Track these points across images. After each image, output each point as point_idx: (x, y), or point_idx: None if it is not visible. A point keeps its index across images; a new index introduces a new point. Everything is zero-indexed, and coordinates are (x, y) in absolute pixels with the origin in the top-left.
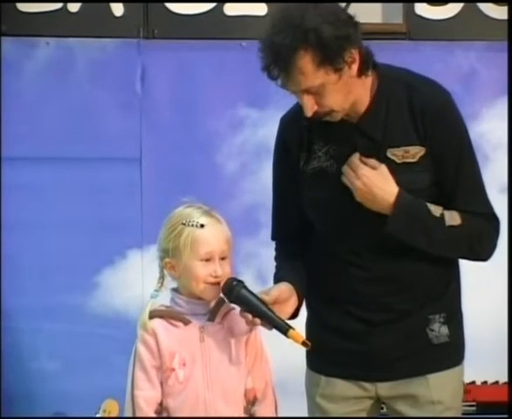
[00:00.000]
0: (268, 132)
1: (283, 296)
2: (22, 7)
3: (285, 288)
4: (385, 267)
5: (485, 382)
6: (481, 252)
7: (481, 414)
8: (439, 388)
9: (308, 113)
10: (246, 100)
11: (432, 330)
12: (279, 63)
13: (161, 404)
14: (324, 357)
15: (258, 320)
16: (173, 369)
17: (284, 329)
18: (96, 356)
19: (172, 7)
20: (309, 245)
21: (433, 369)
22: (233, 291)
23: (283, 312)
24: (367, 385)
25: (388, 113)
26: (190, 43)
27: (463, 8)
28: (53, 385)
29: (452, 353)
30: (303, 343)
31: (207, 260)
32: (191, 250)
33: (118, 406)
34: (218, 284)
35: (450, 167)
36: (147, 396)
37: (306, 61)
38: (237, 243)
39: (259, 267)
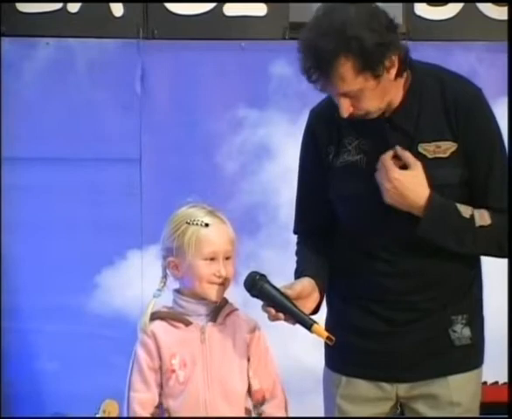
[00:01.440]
0: (268, 132)
1: (306, 291)
2: (22, 7)
3: (307, 283)
4: (412, 263)
5: (484, 383)
6: (508, 248)
7: (481, 414)
8: (459, 389)
9: (344, 114)
10: (246, 101)
11: (455, 331)
12: (320, 67)
13: (158, 406)
14: (345, 357)
15: (281, 315)
16: (173, 370)
17: (308, 324)
18: (96, 357)
19: (172, 7)
20: (332, 241)
21: (454, 371)
22: (256, 285)
23: (305, 307)
24: (387, 386)
25: (420, 107)
26: (190, 43)
27: (462, 8)
28: (53, 385)
29: (473, 355)
30: (328, 338)
31: (211, 260)
32: (196, 249)
33: (118, 406)
34: (222, 284)
35: (482, 163)
36: (142, 399)
37: (347, 67)
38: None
39: (258, 268)
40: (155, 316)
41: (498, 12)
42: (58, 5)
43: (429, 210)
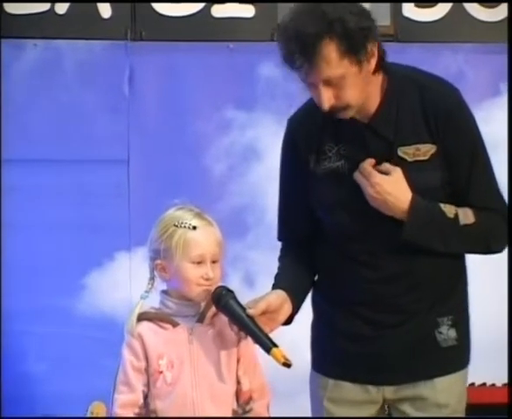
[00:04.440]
0: (256, 134)
1: (273, 306)
2: (9, 9)
3: (275, 297)
4: (398, 266)
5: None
6: (495, 247)
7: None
8: (446, 391)
9: (325, 105)
10: (234, 102)
11: (441, 333)
12: (304, 51)
13: (142, 407)
14: (332, 360)
15: (243, 334)
16: (161, 372)
17: (267, 347)
18: (84, 358)
19: (160, 9)
20: (316, 248)
21: (441, 373)
22: (221, 300)
23: (275, 320)
24: (374, 388)
25: (399, 111)
26: (178, 45)
27: (450, 10)
28: (41, 387)
29: (459, 356)
30: (284, 364)
31: (199, 263)
32: (183, 251)
33: (105, 408)
34: (210, 286)
35: (463, 164)
36: (123, 400)
37: (331, 49)
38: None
39: (246, 270)
40: (142, 317)
41: (486, 14)
42: (46, 7)
43: (412, 214)
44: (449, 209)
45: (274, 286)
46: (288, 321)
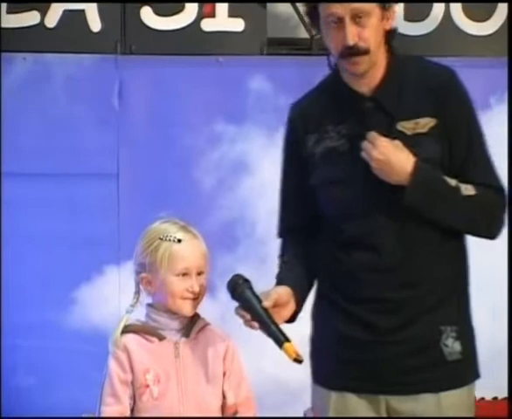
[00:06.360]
0: (246, 147)
1: (282, 299)
2: None
3: (284, 292)
4: (392, 255)
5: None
6: (494, 226)
7: None
8: (450, 407)
9: (351, 40)
10: (224, 116)
11: (446, 345)
12: None
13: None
14: (333, 369)
15: (256, 324)
16: (147, 386)
17: (280, 341)
18: (73, 372)
19: (149, 23)
20: (316, 243)
21: (446, 387)
22: (237, 289)
23: (281, 315)
24: (379, 398)
25: (401, 85)
26: (168, 58)
27: (440, 24)
28: (30, 401)
29: (464, 370)
30: (295, 360)
31: (184, 275)
32: (168, 265)
33: None
34: (195, 299)
35: (462, 137)
36: (111, 411)
37: None
38: (214, 259)
39: None
40: (128, 329)
41: (475, 28)
42: (36, 20)
43: (415, 176)
44: (450, 179)
45: (278, 284)
46: (292, 319)
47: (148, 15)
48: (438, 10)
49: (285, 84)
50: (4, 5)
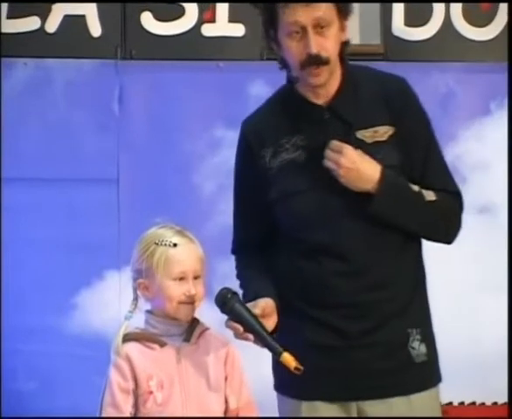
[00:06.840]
0: None
1: (268, 309)
2: None
3: (269, 301)
4: (359, 260)
5: (462, 403)
6: (452, 231)
7: None
8: (421, 409)
9: (314, 48)
10: (224, 121)
11: (413, 348)
12: None
13: None
14: (302, 379)
15: (250, 336)
16: (151, 392)
17: (278, 352)
18: (74, 377)
19: (150, 28)
20: (276, 254)
21: (415, 389)
22: (227, 303)
23: (267, 326)
24: (350, 405)
25: (357, 94)
26: (168, 63)
27: (440, 29)
28: (31, 405)
29: (431, 372)
30: (295, 368)
31: (180, 279)
32: (165, 269)
33: None
34: (192, 303)
35: (420, 145)
36: None
37: None
38: (213, 264)
39: (235, 288)
40: (129, 337)
41: (475, 33)
42: (36, 25)
43: (383, 183)
44: (413, 186)
45: (254, 297)
46: (275, 329)
47: (148, 20)
48: (438, 15)
49: None
50: (5, 10)
